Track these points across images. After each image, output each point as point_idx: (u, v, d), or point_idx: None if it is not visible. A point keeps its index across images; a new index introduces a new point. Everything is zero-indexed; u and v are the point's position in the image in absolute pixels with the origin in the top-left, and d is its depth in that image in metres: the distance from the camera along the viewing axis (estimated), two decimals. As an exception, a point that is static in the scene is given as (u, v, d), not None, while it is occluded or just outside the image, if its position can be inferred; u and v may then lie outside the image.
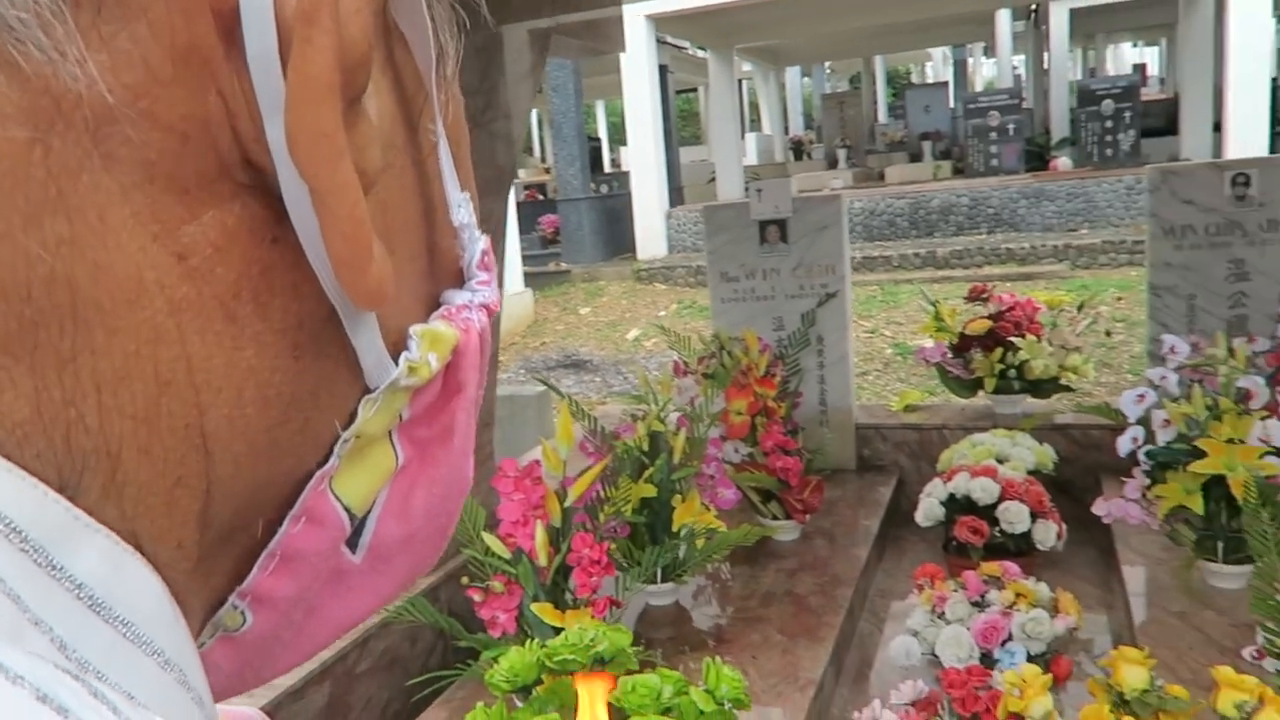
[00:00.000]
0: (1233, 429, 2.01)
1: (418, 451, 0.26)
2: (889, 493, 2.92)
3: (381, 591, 0.28)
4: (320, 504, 0.24)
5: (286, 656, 0.27)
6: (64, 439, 0.19)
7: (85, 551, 0.19)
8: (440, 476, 0.27)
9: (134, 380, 0.19)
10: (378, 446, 0.25)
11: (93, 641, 0.19)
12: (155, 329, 0.19)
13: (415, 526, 0.27)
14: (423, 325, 0.25)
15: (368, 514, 0.26)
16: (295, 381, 0.23)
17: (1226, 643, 1.84)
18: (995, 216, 10.43)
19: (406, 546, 0.27)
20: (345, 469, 0.24)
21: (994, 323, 3.10)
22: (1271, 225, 2.73)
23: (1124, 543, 2.36)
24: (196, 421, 0.21)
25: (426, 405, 0.26)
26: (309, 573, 0.25)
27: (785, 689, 1.84)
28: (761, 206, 3.10)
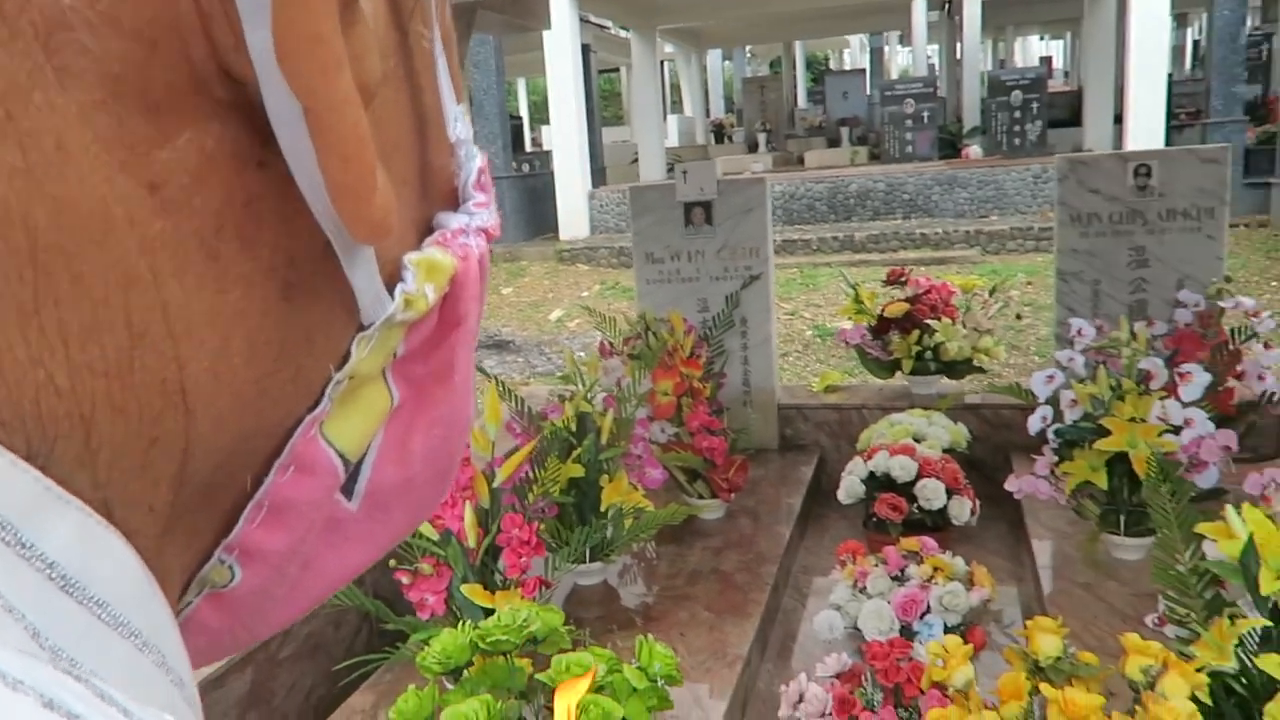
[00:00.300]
0: (1134, 408, 2.11)
1: (414, 391, 0.24)
2: (810, 471, 2.98)
3: (379, 541, 0.26)
4: (310, 450, 0.22)
5: (280, 612, 0.25)
6: (33, 403, 0.17)
7: (57, 527, 0.17)
8: (440, 416, 0.25)
9: (104, 332, 0.17)
10: (371, 386, 0.23)
11: (65, 626, 0.17)
12: (126, 273, 0.17)
13: (414, 470, 0.25)
14: (418, 253, 0.23)
15: (362, 459, 0.24)
16: (286, 325, 0.20)
17: (1129, 611, 1.94)
18: (910, 202, 10.68)
19: (405, 492, 0.25)
20: (337, 412, 0.22)
21: (911, 306, 3.18)
22: (1170, 215, 2.86)
23: (1033, 517, 2.46)
24: (175, 376, 0.18)
25: (422, 340, 0.24)
26: (302, 523, 0.23)
27: (713, 665, 1.88)
28: (687, 188, 3.12)
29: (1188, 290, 2.76)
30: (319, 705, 1.93)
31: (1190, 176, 2.81)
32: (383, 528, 0.26)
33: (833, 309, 7.05)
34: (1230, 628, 1.26)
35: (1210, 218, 2.82)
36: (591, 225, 11.64)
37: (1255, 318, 2.66)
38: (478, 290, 0.25)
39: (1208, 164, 2.81)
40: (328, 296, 0.21)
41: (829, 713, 1.46)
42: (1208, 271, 2.82)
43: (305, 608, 0.26)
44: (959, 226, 9.52)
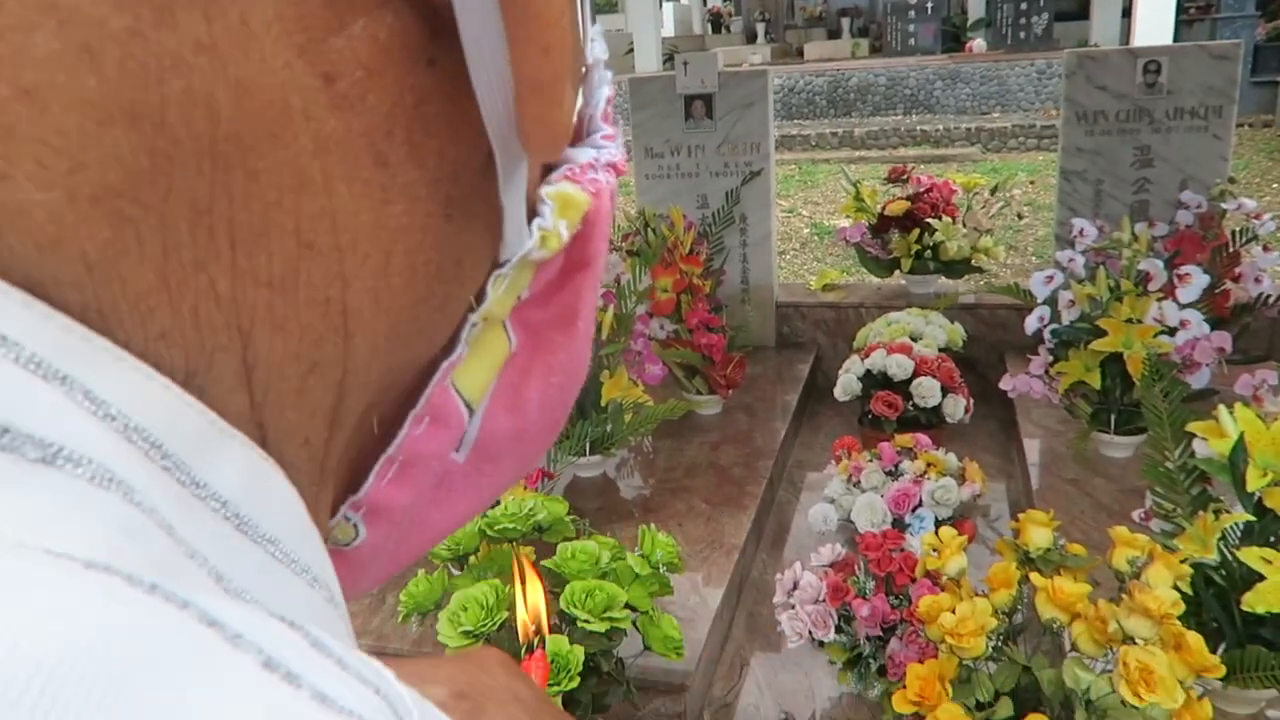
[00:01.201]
0: (1131, 309, 2.12)
1: (531, 337, 0.23)
2: (807, 369, 3.01)
3: (484, 494, 0.25)
4: (445, 400, 0.21)
5: (384, 568, 0.24)
6: (191, 312, 0.15)
7: (225, 462, 0.16)
8: (559, 364, 0.23)
9: (274, 238, 0.16)
10: (493, 331, 0.22)
11: (244, 566, 0.16)
12: (299, 173, 0.16)
13: (528, 421, 0.23)
14: (553, 186, 0.21)
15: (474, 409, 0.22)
16: (444, 247, 0.19)
17: (1115, 507, 1.99)
18: (912, 97, 10.47)
19: (516, 444, 0.24)
20: (468, 358, 0.21)
21: (912, 204, 3.16)
22: (1177, 113, 2.82)
23: (1025, 416, 2.50)
24: (339, 295, 0.17)
25: (546, 283, 0.22)
26: (426, 479, 0.22)
27: (710, 554, 1.93)
28: (687, 81, 3.05)
29: (1190, 191, 2.74)
30: (328, 589, 1.99)
31: (1200, 74, 2.76)
32: (489, 480, 0.24)
33: (831, 207, 6.99)
34: (1214, 522, 1.30)
35: (1218, 117, 2.79)
36: (586, 118, 11.41)
37: (1256, 220, 2.65)
38: (606, 230, 0.23)
39: (1219, 60, 2.75)
40: (481, 217, 0.20)
41: (822, 599, 1.51)
42: (1212, 172, 2.80)
43: (406, 563, 0.25)
44: (960, 123, 9.36)
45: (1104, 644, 1.05)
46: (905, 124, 9.61)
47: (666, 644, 1.34)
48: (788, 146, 9.29)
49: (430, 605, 1.36)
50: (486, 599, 1.26)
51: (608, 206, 0.22)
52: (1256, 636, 1.31)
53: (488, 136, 0.18)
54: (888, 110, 10.50)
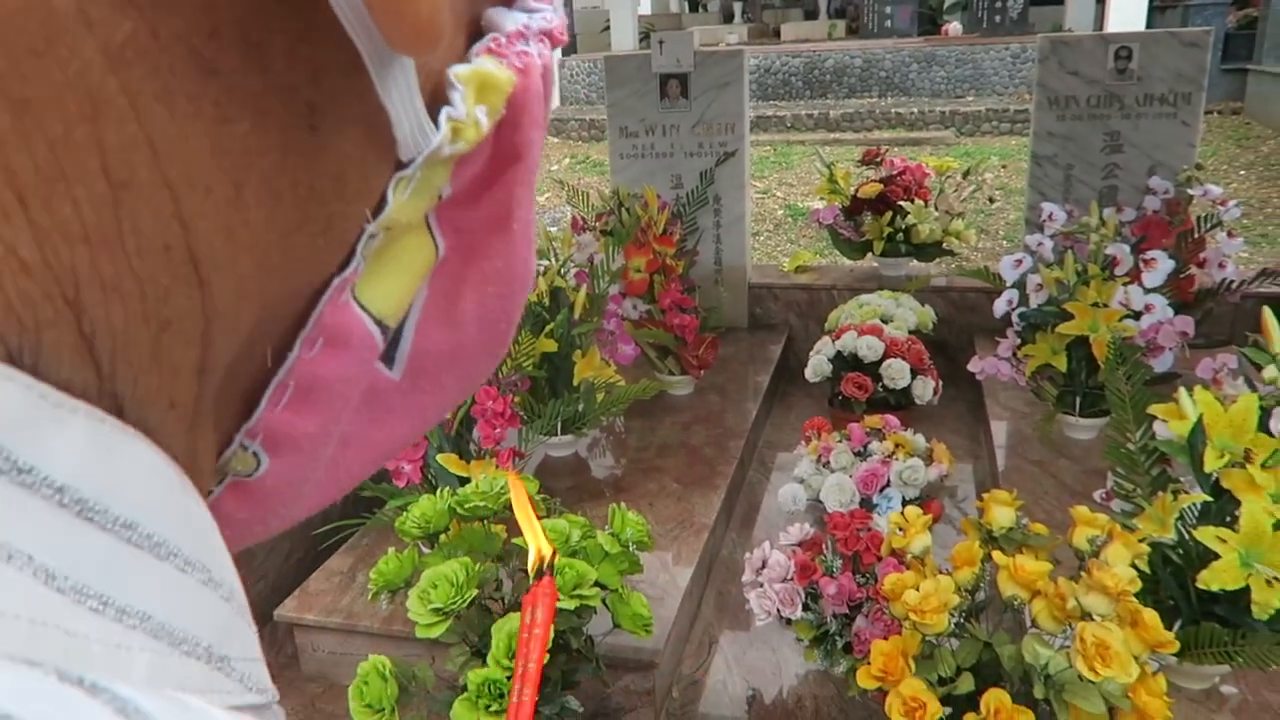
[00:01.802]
0: (1098, 293, 2.15)
1: (463, 241, 0.20)
2: (779, 350, 3.02)
3: (426, 414, 0.22)
4: (342, 318, 0.18)
5: (318, 494, 0.22)
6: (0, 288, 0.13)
7: (62, 441, 0.13)
8: (495, 271, 0.21)
9: (73, 183, 0.13)
10: (411, 237, 0.19)
11: (88, 557, 0.14)
12: (89, 94, 0.13)
13: (466, 335, 0.21)
14: (466, 66, 0.18)
15: (404, 322, 0.20)
16: (314, 162, 0.16)
17: (1078, 488, 2.03)
18: (887, 80, 10.48)
19: (455, 359, 0.22)
20: (372, 271, 0.19)
21: (885, 187, 3.17)
22: (1147, 99, 2.85)
23: (993, 398, 2.53)
24: (180, 240, 0.14)
25: (473, 179, 0.19)
26: (336, 402, 0.19)
27: (681, 533, 1.95)
28: (663, 60, 3.04)
29: (1158, 177, 2.78)
30: (298, 566, 1.99)
31: (1170, 60, 2.79)
32: (430, 399, 0.22)
33: (805, 188, 7.00)
34: (1173, 502, 1.33)
35: (1187, 103, 2.82)
36: (561, 96, 11.33)
37: (1222, 206, 2.69)
38: (540, 114, 0.19)
39: (1189, 48, 2.78)
40: (360, 122, 0.17)
41: (790, 577, 1.53)
42: (1180, 158, 2.83)
43: (346, 487, 0.22)
44: (935, 106, 9.39)
45: (1063, 620, 1.08)
46: (880, 106, 9.63)
47: (636, 621, 1.35)
48: (763, 128, 9.29)
49: (400, 583, 1.36)
50: (457, 576, 1.26)
51: (539, 86, 0.19)
52: (1211, 614, 1.35)
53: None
54: (863, 92, 10.51)
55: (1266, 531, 1.22)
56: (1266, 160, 7.16)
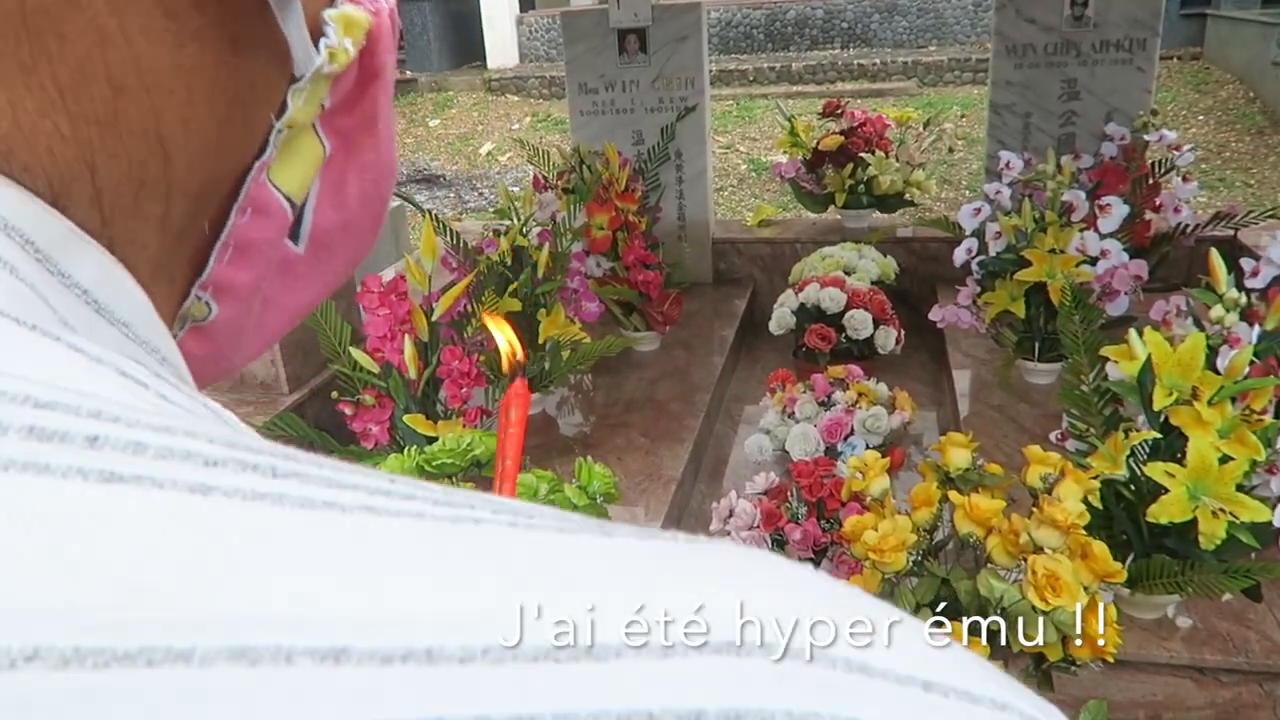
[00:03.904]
0: (1055, 240, 2.18)
1: (343, 141, 0.27)
2: (743, 304, 3.04)
3: (326, 280, 0.29)
4: (262, 193, 0.25)
5: (252, 344, 0.29)
6: (47, 150, 0.19)
7: (84, 261, 0.20)
8: (369, 163, 0.28)
9: (91, 85, 0.20)
10: (305, 137, 0.25)
11: (103, 342, 0.19)
12: (100, 31, 0.19)
13: (351, 214, 0.28)
14: (335, 9, 0.24)
15: (304, 206, 0.27)
16: (237, 76, 0.23)
17: (1037, 430, 2.07)
18: (849, 31, 10.43)
19: (345, 234, 0.28)
20: (280, 159, 0.25)
21: (846, 139, 3.18)
22: (1103, 46, 2.87)
23: (954, 346, 2.57)
24: (154, 125, 0.21)
25: (346, 93, 0.26)
26: (262, 262, 0.26)
27: (649, 486, 1.97)
28: (620, 14, 3.01)
29: (1114, 124, 2.81)
30: (268, 532, 1.99)
31: (1125, 6, 2.80)
32: (327, 267, 0.29)
33: (768, 143, 6.99)
34: (1124, 440, 1.37)
35: (1142, 49, 2.84)
36: (520, 53, 11.17)
37: (1176, 151, 2.73)
38: (390, 44, 0.26)
39: (1144, -7, 2.80)
40: (267, 49, 0.23)
41: (757, 525, 1.56)
42: (1136, 104, 2.86)
43: (269, 340, 0.30)
44: (897, 57, 9.37)
45: (1017, 555, 1.11)
46: (842, 58, 9.59)
47: (605, 572, 1.37)
48: (725, 82, 9.23)
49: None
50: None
51: (388, 23, 0.26)
52: (1161, 546, 1.40)
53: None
54: (825, 44, 10.45)
55: (1213, 465, 1.26)
56: (1225, 105, 7.24)
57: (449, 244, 2.30)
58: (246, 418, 1.64)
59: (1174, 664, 1.45)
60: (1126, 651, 1.33)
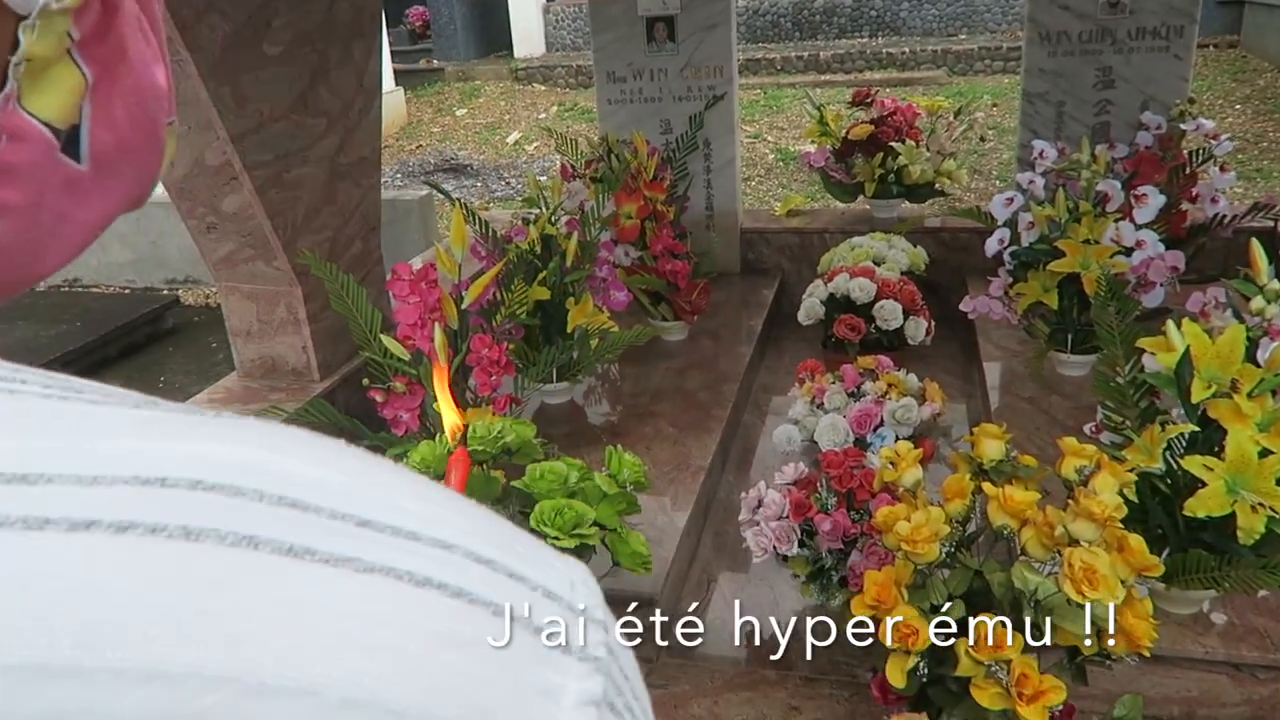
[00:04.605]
0: (1089, 230, 2.15)
1: (102, 69, 0.29)
2: (771, 294, 3.03)
3: (118, 194, 0.31)
4: (15, 121, 0.26)
5: (54, 254, 0.31)
6: None
7: None
8: (129, 88, 0.30)
9: None
10: (61, 67, 0.27)
11: None
12: None
13: (125, 134, 0.30)
14: None
15: (78, 129, 0.29)
16: None
17: (1070, 422, 2.05)
18: (878, 19, 10.33)
19: (124, 153, 0.31)
20: (30, 90, 0.27)
21: (875, 128, 3.15)
22: (1139, 33, 2.82)
23: (985, 337, 2.55)
24: None
25: (93, 25, 0.28)
26: (34, 182, 0.28)
27: (677, 475, 1.97)
28: (649, 2, 3.00)
29: (1150, 112, 2.76)
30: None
31: (1162, -7, 2.76)
32: (115, 184, 0.31)
33: (796, 132, 6.94)
34: (1161, 433, 1.35)
35: (1179, 37, 2.79)
36: (547, 42, 11.16)
37: (1214, 140, 2.68)
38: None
39: (1181, -21, 2.75)
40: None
41: (786, 515, 1.56)
42: (1173, 93, 2.81)
43: (75, 248, 0.32)
44: (926, 45, 9.27)
45: (1051, 548, 1.10)
46: (871, 47, 9.50)
47: (635, 560, 1.37)
48: (753, 71, 9.17)
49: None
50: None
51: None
52: (1198, 540, 1.38)
53: None
54: (854, 33, 10.36)
55: (1252, 459, 1.24)
56: (1263, 94, 7.11)
57: (478, 232, 2.30)
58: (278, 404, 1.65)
59: (1210, 660, 1.43)
60: (1162, 646, 1.32)
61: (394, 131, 8.49)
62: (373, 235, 2.35)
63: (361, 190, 2.26)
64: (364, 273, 2.27)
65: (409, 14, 12.19)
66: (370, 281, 2.23)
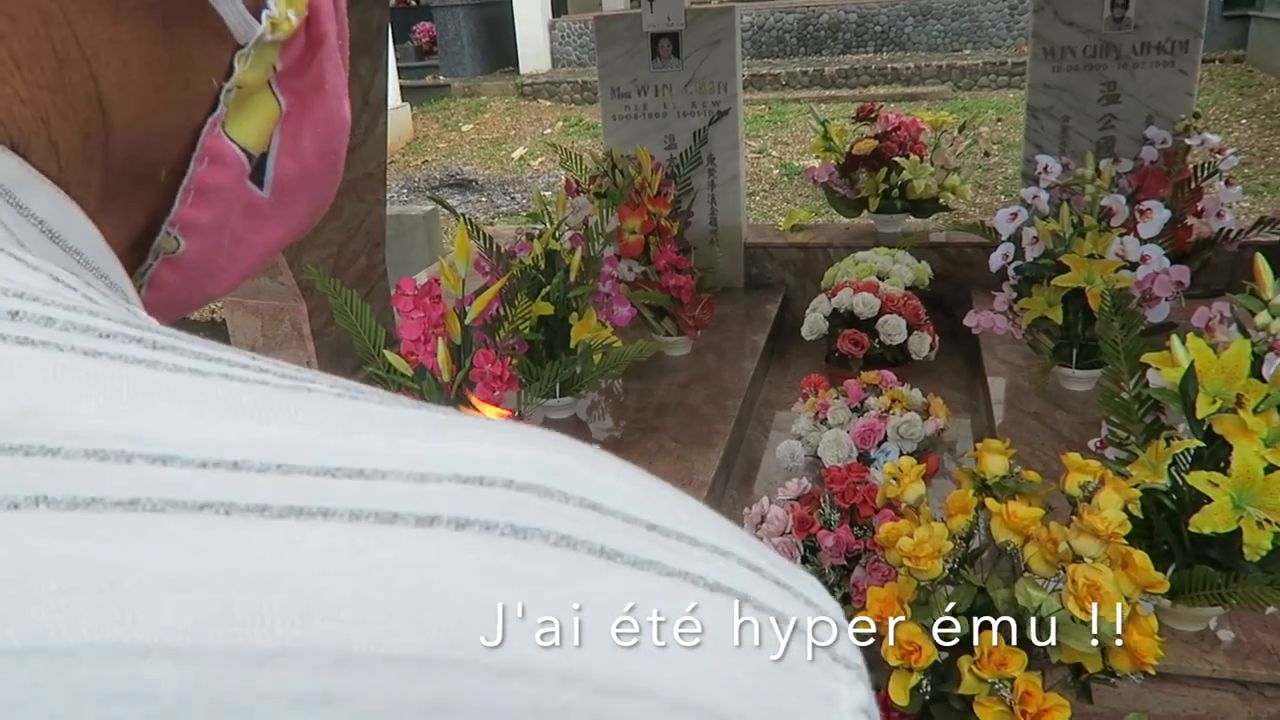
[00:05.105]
0: (1094, 245, 2.15)
1: (297, 99, 0.30)
2: (775, 309, 3.03)
3: (291, 223, 0.33)
4: (217, 145, 0.28)
5: (229, 275, 0.32)
6: (8, 111, 0.23)
7: (39, 195, 0.23)
8: (321, 119, 0.31)
9: (41, 58, 0.23)
10: (261, 96, 0.29)
11: (57, 264, 0.22)
12: (44, 13, 0.23)
13: (308, 164, 0.31)
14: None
15: (266, 156, 0.30)
16: (171, 47, 0.25)
17: (1075, 438, 2.04)
18: (883, 34, 10.37)
19: (305, 182, 0.32)
20: (235, 115, 0.28)
21: (879, 143, 3.15)
22: (1144, 48, 2.82)
23: (990, 352, 2.54)
24: (94, 90, 0.24)
25: (296, 57, 0.29)
26: (222, 204, 0.29)
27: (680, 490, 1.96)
28: (653, 18, 3.01)
29: (1155, 127, 2.76)
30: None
31: (1167, 8, 2.76)
32: (291, 212, 0.32)
33: (801, 147, 6.96)
34: (1166, 449, 1.34)
35: (1184, 51, 2.79)
36: (553, 58, 11.22)
37: (1219, 155, 2.68)
38: (331, 12, 0.30)
39: (1186, -6, 2.75)
40: (201, 22, 0.26)
41: (789, 531, 1.55)
42: (1178, 107, 2.81)
43: (246, 273, 0.33)
44: (931, 61, 9.30)
45: (1055, 564, 1.09)
46: (876, 62, 9.53)
47: (636, 576, 1.36)
48: (758, 86, 9.21)
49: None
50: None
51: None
52: (1204, 557, 1.37)
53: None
54: (858, 48, 10.40)
55: (1258, 475, 1.23)
56: (1268, 108, 7.10)
57: (482, 248, 2.31)
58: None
59: (1216, 678, 1.42)
60: (1168, 664, 1.31)
61: (400, 147, 8.53)
62: (377, 250, 2.35)
63: (366, 206, 2.27)
64: (368, 288, 2.27)
65: (416, 30, 12.27)
66: (375, 296, 2.24)
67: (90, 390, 0.17)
